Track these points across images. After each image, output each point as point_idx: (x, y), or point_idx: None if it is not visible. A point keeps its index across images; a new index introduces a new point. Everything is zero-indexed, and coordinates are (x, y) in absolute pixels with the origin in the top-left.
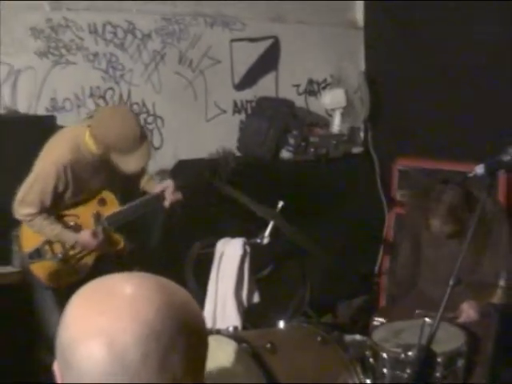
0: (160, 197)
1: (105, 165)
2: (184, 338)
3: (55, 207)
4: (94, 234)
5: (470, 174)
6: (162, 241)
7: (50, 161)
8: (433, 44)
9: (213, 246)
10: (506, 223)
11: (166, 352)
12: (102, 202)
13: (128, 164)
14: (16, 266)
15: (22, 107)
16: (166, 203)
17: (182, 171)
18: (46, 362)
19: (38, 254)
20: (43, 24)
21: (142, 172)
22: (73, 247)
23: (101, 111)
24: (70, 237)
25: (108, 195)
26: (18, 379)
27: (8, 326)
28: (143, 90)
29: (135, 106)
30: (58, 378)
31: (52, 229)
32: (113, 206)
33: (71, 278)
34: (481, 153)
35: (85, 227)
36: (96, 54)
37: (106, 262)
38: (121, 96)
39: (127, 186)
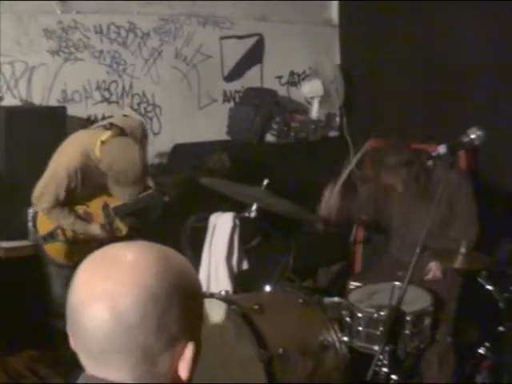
0: (161, 192)
1: None
2: (181, 300)
3: (68, 201)
4: (103, 227)
5: (434, 153)
6: (162, 215)
7: (62, 164)
8: (400, 39)
9: (206, 219)
10: (469, 194)
11: (164, 313)
12: (109, 193)
13: (120, 194)
14: (31, 241)
15: (37, 99)
16: (167, 198)
17: (178, 155)
18: (57, 327)
19: (51, 236)
20: (55, 25)
21: None
22: (82, 234)
23: (112, 141)
24: (81, 227)
25: None
26: (31, 341)
27: (24, 293)
28: (143, 83)
29: (136, 97)
30: (71, 340)
31: (66, 220)
32: None
33: (80, 256)
34: (443, 135)
35: (94, 215)
36: (101, 51)
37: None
38: (123, 88)
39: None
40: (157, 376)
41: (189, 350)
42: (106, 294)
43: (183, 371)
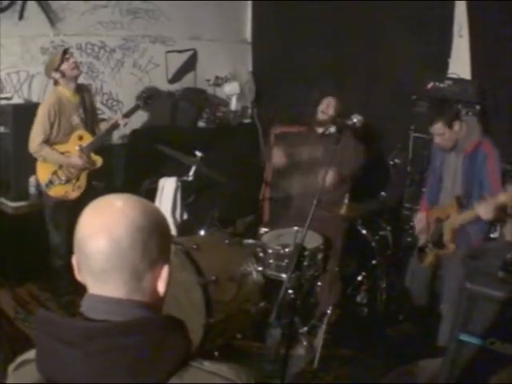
0: (115, 125)
1: (77, 108)
2: (158, 232)
3: (51, 140)
4: (80, 156)
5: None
6: (124, 179)
7: (42, 107)
8: (294, 55)
9: (156, 182)
10: (360, 149)
11: (147, 240)
12: (80, 138)
13: (67, 71)
14: (31, 201)
15: (35, 98)
16: (121, 126)
17: (136, 136)
18: (54, 266)
19: (50, 182)
20: (48, 45)
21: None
22: (69, 170)
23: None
24: (64, 160)
25: (83, 133)
26: (33, 276)
27: (27, 239)
28: (110, 85)
29: (105, 95)
30: (76, 270)
31: (53, 155)
32: (88, 139)
33: (74, 194)
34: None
35: (72, 154)
36: (81, 62)
37: (92, 187)
38: (96, 89)
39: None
40: (142, 291)
41: (165, 271)
42: (104, 227)
43: (161, 287)
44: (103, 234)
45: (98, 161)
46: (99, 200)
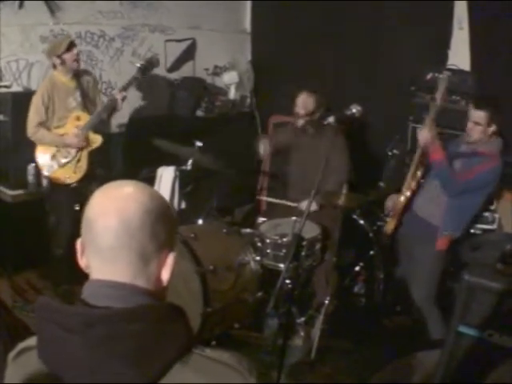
0: (113, 101)
1: (73, 91)
2: (166, 216)
3: (49, 124)
4: (76, 134)
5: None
6: (123, 168)
7: (37, 91)
8: (293, 45)
9: (154, 171)
10: (346, 152)
11: (155, 222)
12: (78, 119)
13: (68, 61)
14: (30, 190)
15: (34, 86)
16: (119, 105)
17: (133, 125)
18: (54, 254)
19: (50, 166)
20: (48, 33)
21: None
22: (68, 152)
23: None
24: (61, 140)
25: (81, 113)
26: (30, 264)
27: (25, 227)
28: (109, 73)
29: (104, 84)
30: (79, 253)
31: (49, 136)
32: (86, 119)
33: (76, 175)
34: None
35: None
36: (80, 51)
37: (95, 175)
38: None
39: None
40: (147, 277)
41: (170, 259)
42: (114, 208)
43: (165, 275)
44: (113, 213)
45: (98, 139)
46: (108, 185)
